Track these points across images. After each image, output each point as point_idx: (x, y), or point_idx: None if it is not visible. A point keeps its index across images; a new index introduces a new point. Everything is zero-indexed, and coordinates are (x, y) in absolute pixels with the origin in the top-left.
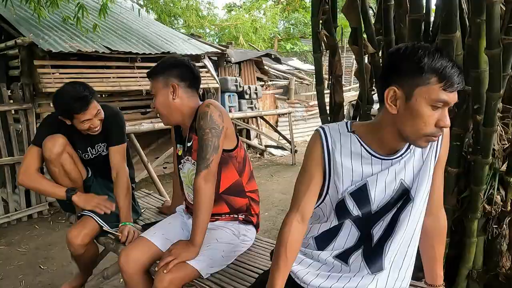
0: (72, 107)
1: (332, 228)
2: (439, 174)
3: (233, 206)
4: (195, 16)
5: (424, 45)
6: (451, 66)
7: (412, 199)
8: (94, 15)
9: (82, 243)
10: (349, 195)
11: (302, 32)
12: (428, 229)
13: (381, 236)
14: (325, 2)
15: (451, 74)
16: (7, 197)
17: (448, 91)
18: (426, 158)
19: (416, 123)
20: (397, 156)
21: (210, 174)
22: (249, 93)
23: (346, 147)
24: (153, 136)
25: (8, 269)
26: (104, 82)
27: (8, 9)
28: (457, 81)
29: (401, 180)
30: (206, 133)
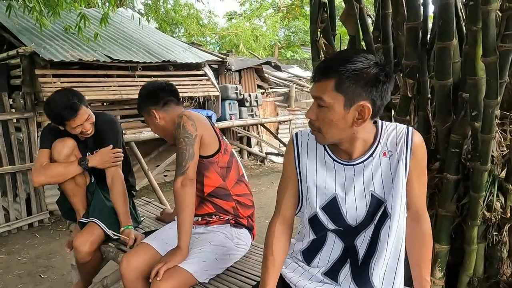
0: (62, 115)
1: (316, 240)
2: (416, 183)
3: (218, 206)
4: (195, 25)
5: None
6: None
7: (389, 215)
8: (95, 24)
9: (89, 250)
10: (321, 209)
11: (303, 40)
12: (411, 233)
13: (366, 254)
14: (323, 10)
15: None
16: (8, 205)
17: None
18: (396, 171)
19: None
20: (358, 162)
21: (187, 179)
22: (250, 100)
23: (312, 152)
24: (153, 144)
25: (8, 278)
26: (105, 90)
27: (10, 19)
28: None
29: (371, 192)
30: (180, 142)
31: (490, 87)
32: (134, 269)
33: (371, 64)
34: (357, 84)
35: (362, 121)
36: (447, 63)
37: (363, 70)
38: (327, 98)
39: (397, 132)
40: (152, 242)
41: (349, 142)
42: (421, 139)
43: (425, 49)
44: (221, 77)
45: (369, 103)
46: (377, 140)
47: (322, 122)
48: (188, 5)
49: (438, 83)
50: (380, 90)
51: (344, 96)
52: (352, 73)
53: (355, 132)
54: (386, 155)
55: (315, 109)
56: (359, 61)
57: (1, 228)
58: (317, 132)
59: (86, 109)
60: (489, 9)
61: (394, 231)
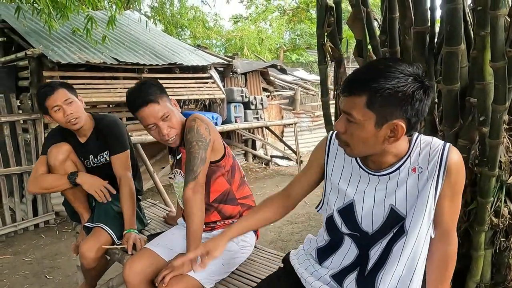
0: (41, 95)
1: (332, 241)
2: (448, 204)
3: (224, 214)
4: (201, 27)
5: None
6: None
7: (406, 232)
8: (102, 27)
9: (96, 256)
10: (337, 212)
11: (308, 43)
12: (435, 252)
13: (374, 265)
14: (330, 14)
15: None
16: (14, 206)
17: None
18: (423, 190)
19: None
20: (384, 174)
21: (198, 185)
22: (255, 103)
23: (341, 155)
24: (159, 146)
25: (14, 278)
26: (112, 92)
27: (20, 22)
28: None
29: (390, 206)
30: (193, 145)
31: (499, 92)
32: (137, 274)
33: (408, 82)
34: (391, 102)
35: (394, 139)
36: (455, 68)
37: (399, 88)
38: (357, 115)
39: (431, 148)
40: (156, 248)
41: (379, 156)
42: (459, 158)
43: (432, 54)
44: (226, 79)
45: (403, 122)
46: (407, 153)
47: (350, 137)
48: (194, 8)
49: (446, 87)
50: (416, 108)
51: (376, 114)
52: (386, 92)
53: (386, 148)
54: (416, 171)
55: (344, 122)
56: (394, 77)
57: (7, 228)
58: (345, 146)
59: (67, 93)
60: (498, 14)
61: (409, 249)
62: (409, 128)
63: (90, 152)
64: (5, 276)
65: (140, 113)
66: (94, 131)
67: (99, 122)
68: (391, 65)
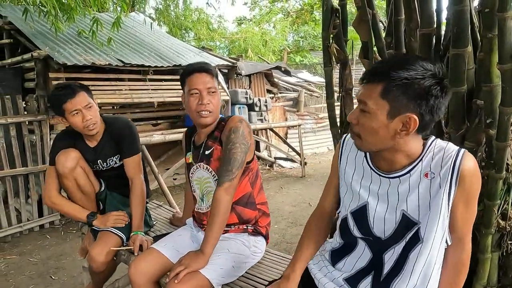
0: (60, 97)
1: (346, 244)
2: (462, 211)
3: (242, 217)
4: (205, 29)
5: None
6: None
7: (421, 240)
8: (107, 29)
9: (105, 260)
10: (350, 214)
11: (312, 45)
12: (449, 258)
13: (390, 271)
14: (335, 16)
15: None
16: (20, 207)
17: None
18: (436, 196)
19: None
20: (394, 176)
21: (232, 187)
22: (259, 105)
23: (353, 156)
24: (163, 147)
25: (20, 279)
26: (117, 94)
27: (26, 24)
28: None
29: (402, 212)
30: (236, 147)
31: (506, 95)
32: (142, 274)
33: (426, 75)
34: (406, 93)
35: (405, 133)
36: (462, 70)
37: (416, 80)
38: (371, 104)
39: (444, 153)
40: (162, 248)
41: (389, 153)
42: (473, 164)
43: (439, 56)
44: (231, 81)
45: (416, 116)
46: (420, 157)
47: (362, 128)
48: (198, 10)
49: (452, 89)
50: (431, 105)
51: (390, 104)
52: (403, 81)
53: (397, 144)
54: (428, 177)
55: (357, 113)
56: (414, 69)
57: (13, 229)
58: (357, 137)
59: (87, 97)
60: (506, 16)
61: (425, 256)
62: (422, 125)
63: (99, 157)
64: (11, 276)
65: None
66: (105, 134)
67: (110, 125)
68: (413, 59)
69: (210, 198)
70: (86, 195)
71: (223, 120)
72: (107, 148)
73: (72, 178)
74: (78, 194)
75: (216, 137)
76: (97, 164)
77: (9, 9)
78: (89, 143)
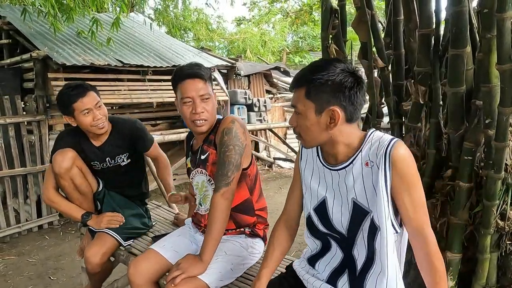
0: (70, 96)
1: (321, 247)
2: (406, 199)
3: (239, 223)
4: (205, 30)
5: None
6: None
7: (378, 228)
8: (107, 29)
9: (100, 262)
10: (313, 210)
11: (311, 45)
12: (417, 255)
13: (364, 265)
14: (335, 17)
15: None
16: (19, 207)
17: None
18: (377, 183)
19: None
20: (340, 168)
21: (229, 192)
22: (258, 105)
23: (310, 157)
24: (162, 148)
25: (18, 279)
26: (116, 94)
27: (25, 24)
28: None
29: (353, 200)
30: (230, 149)
31: (505, 95)
32: (142, 275)
33: (336, 72)
34: (324, 91)
35: (334, 124)
36: (461, 70)
37: (329, 77)
38: (300, 106)
39: (380, 143)
40: (161, 249)
41: (330, 146)
42: (405, 152)
43: (438, 56)
44: (230, 82)
45: (338, 108)
46: (360, 148)
47: (300, 128)
48: (197, 10)
49: (451, 90)
50: (348, 95)
51: (314, 103)
52: (318, 81)
53: (333, 136)
54: (368, 165)
55: (294, 116)
56: (327, 69)
57: (11, 229)
58: (299, 137)
59: (96, 97)
60: (505, 16)
61: (385, 242)
62: (348, 114)
63: (106, 155)
64: (9, 277)
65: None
66: (113, 134)
67: (119, 125)
68: (326, 62)
69: (208, 202)
70: (83, 195)
71: (218, 122)
72: (115, 148)
73: (68, 178)
74: (75, 194)
75: (211, 141)
76: (105, 162)
77: (8, 9)
78: (95, 142)
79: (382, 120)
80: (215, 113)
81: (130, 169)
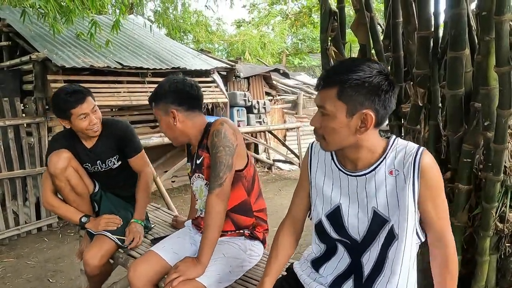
0: (68, 102)
1: (326, 251)
2: (431, 206)
3: (238, 225)
4: (204, 32)
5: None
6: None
7: (396, 237)
8: (106, 31)
9: (99, 264)
10: (325, 217)
11: (310, 47)
12: (434, 259)
13: (371, 272)
14: (334, 19)
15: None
16: (18, 209)
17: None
18: (403, 192)
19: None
20: (360, 174)
21: (223, 193)
22: (258, 107)
23: (322, 160)
24: (162, 150)
25: (17, 282)
26: (115, 96)
27: (25, 26)
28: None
29: (373, 209)
30: (220, 150)
31: (503, 97)
32: (142, 277)
33: (373, 73)
34: (359, 92)
35: (365, 129)
36: (459, 73)
37: (365, 79)
38: (329, 107)
39: (406, 152)
40: (161, 251)
41: (353, 150)
42: (432, 160)
43: (436, 58)
44: (229, 83)
45: (371, 112)
46: (384, 155)
47: (325, 130)
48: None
49: (450, 92)
50: (383, 99)
51: (346, 104)
52: (354, 82)
53: (359, 140)
54: (393, 174)
55: (319, 117)
56: (362, 70)
57: (10, 231)
58: (321, 139)
59: (92, 101)
60: (503, 19)
61: (402, 253)
62: (378, 118)
63: (97, 157)
64: (8, 279)
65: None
66: (103, 135)
67: (109, 127)
68: (359, 61)
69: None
70: (79, 196)
71: (210, 126)
72: (106, 149)
73: (64, 178)
74: (72, 195)
75: (204, 145)
76: (96, 165)
77: (7, 11)
78: (86, 144)
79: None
80: (199, 124)
81: (122, 171)
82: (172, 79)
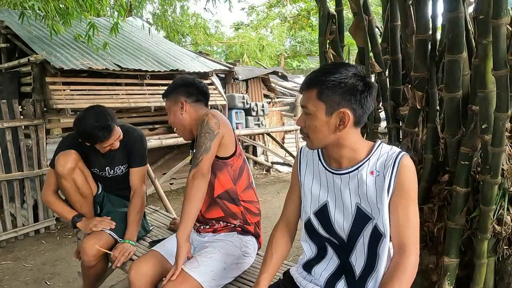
0: (96, 136)
1: (317, 253)
2: (400, 210)
3: (227, 211)
4: (203, 34)
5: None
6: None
7: (383, 234)
8: (105, 33)
9: (97, 254)
10: (313, 214)
11: (309, 50)
12: (391, 266)
13: (363, 270)
14: (332, 22)
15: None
16: (15, 211)
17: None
18: (382, 192)
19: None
20: (344, 172)
21: (198, 172)
22: (256, 110)
23: (310, 161)
24: (160, 152)
25: (15, 284)
26: (114, 98)
27: (23, 28)
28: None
29: (356, 204)
30: (201, 136)
31: (501, 100)
32: (143, 277)
33: (349, 75)
34: (336, 93)
35: (343, 126)
36: (457, 76)
37: (342, 80)
38: (311, 107)
39: (388, 155)
40: (161, 250)
41: (336, 149)
42: (410, 164)
43: (434, 62)
44: (228, 86)
45: (349, 111)
46: (368, 157)
47: (308, 129)
48: (195, 15)
49: (448, 95)
50: (359, 99)
51: (325, 104)
52: (331, 83)
53: (340, 138)
54: (374, 174)
55: (303, 117)
56: (339, 72)
57: (8, 234)
58: (306, 138)
59: (117, 129)
60: (500, 23)
61: (390, 249)
62: (356, 117)
63: (108, 164)
64: (5, 282)
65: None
66: (120, 143)
67: (125, 135)
68: (337, 65)
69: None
70: (84, 197)
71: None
72: (117, 157)
73: (71, 179)
74: (76, 196)
75: (195, 139)
76: (104, 171)
77: (5, 14)
78: (100, 150)
79: (379, 124)
80: (183, 122)
81: (127, 176)
82: (184, 76)
